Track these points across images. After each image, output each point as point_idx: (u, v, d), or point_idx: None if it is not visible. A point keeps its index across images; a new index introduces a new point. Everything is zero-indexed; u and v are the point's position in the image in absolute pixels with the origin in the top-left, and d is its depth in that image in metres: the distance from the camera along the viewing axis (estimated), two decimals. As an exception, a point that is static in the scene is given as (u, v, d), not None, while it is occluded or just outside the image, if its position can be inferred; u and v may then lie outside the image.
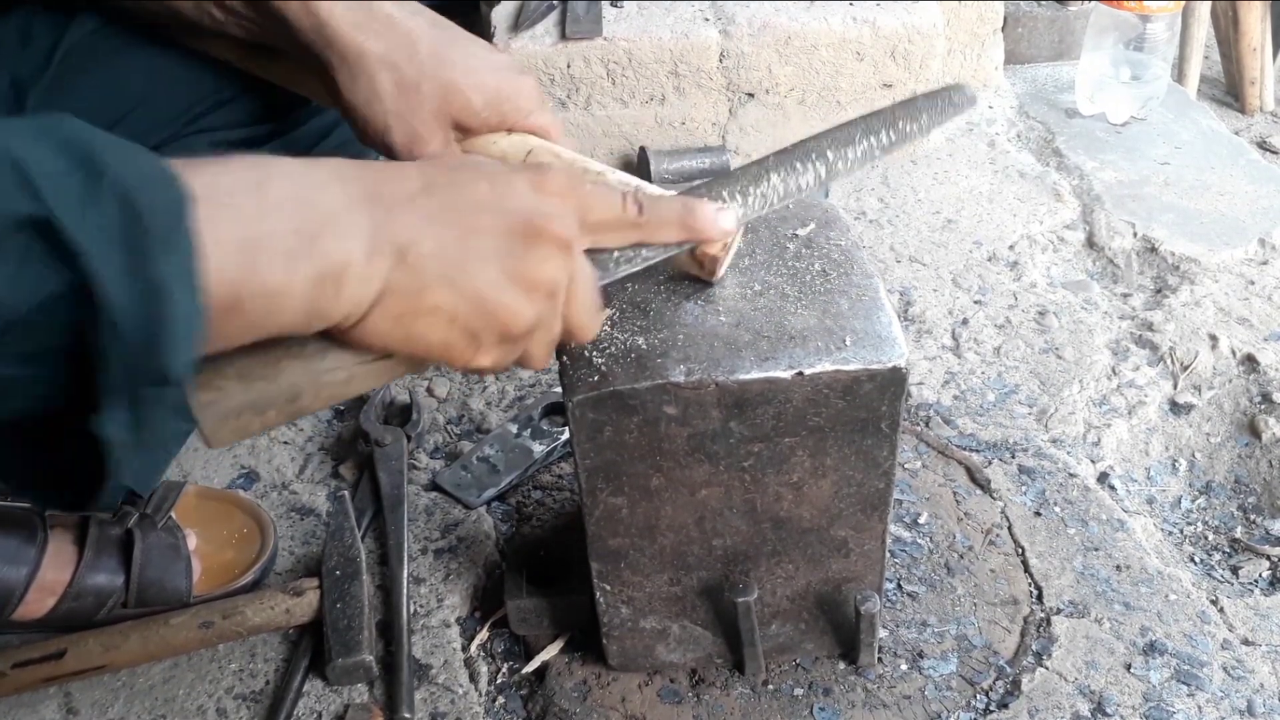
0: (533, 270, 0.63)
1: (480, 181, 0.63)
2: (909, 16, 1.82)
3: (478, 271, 0.61)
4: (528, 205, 0.63)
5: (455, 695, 1.00)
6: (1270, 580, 1.17)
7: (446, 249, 0.61)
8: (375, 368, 0.65)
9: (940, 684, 0.99)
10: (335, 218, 0.57)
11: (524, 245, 0.63)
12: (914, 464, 1.23)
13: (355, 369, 0.64)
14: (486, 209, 0.62)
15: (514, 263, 0.62)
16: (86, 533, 1.03)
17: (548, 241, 0.63)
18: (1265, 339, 1.40)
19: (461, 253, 0.61)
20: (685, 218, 0.71)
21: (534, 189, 0.64)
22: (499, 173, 0.65)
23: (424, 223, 0.60)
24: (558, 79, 1.77)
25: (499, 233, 0.62)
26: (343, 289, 0.57)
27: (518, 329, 0.64)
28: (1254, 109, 2.66)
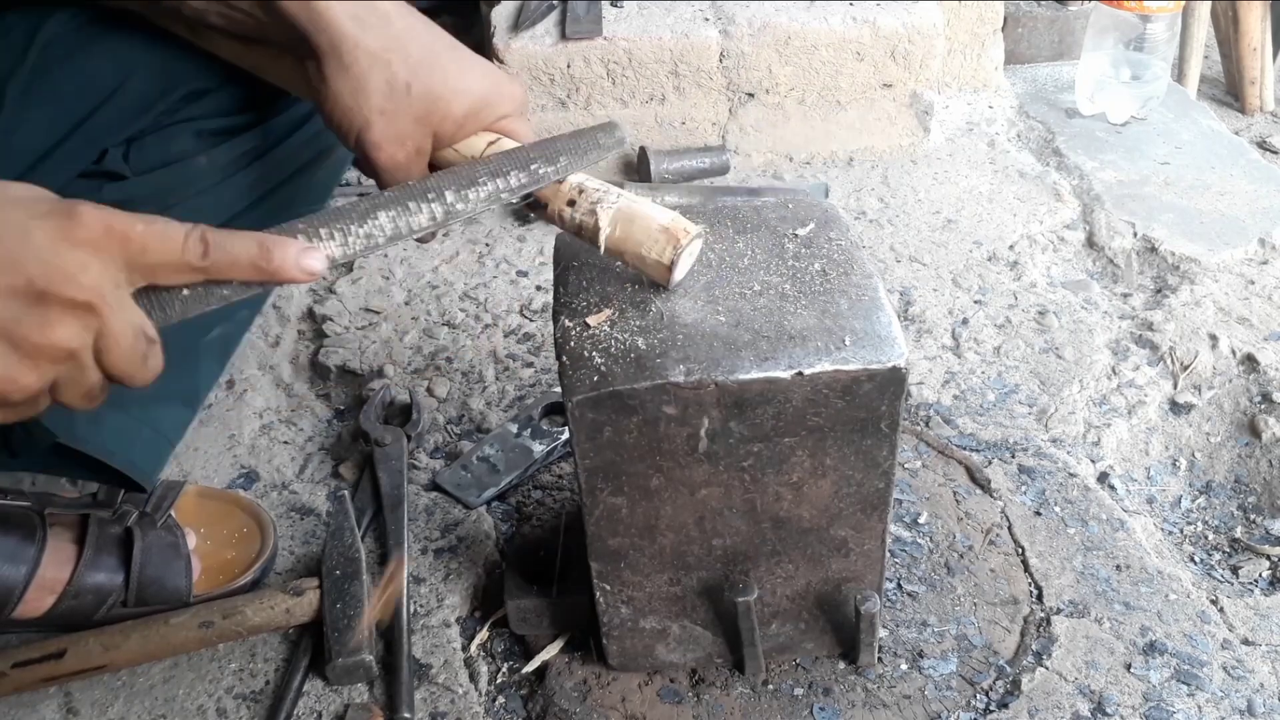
0: (34, 334, 0.59)
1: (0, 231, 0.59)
2: (909, 16, 1.82)
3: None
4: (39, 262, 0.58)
5: (455, 695, 1.00)
6: (1270, 580, 1.17)
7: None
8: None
9: (940, 684, 0.99)
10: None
11: (26, 308, 0.58)
12: (914, 464, 1.23)
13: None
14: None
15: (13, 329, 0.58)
16: (86, 531, 1.03)
17: (54, 304, 0.59)
18: (1265, 339, 1.40)
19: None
20: (259, 259, 0.66)
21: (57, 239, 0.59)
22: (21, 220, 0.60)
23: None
24: (558, 79, 1.77)
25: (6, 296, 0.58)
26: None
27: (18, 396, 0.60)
28: (1254, 109, 2.66)
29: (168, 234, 0.64)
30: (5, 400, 0.60)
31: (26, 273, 0.58)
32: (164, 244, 0.63)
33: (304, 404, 1.38)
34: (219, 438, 1.30)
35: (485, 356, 1.42)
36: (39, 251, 0.59)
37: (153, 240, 0.63)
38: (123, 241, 0.62)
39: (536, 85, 1.77)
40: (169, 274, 0.64)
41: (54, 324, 0.59)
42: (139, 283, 0.63)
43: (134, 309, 0.64)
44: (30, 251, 0.58)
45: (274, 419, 1.35)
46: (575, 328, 0.82)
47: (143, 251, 0.63)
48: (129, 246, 0.62)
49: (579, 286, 0.86)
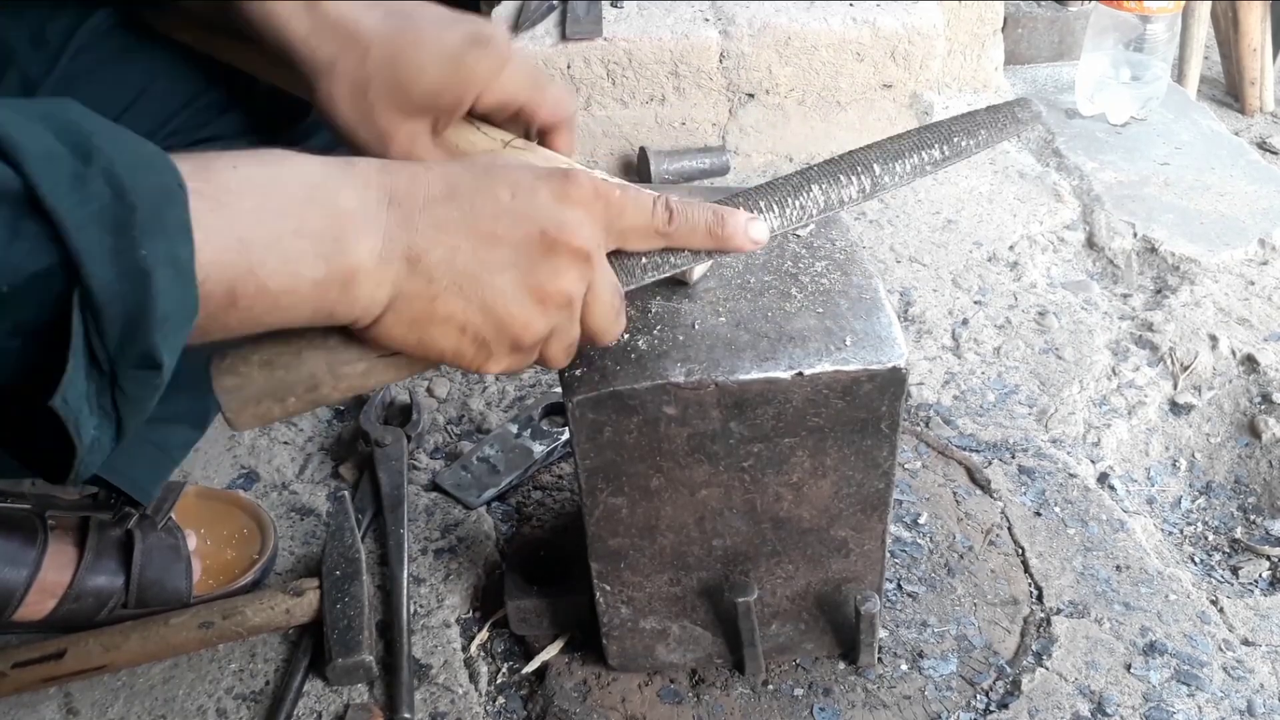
0: (547, 282, 0.63)
1: (502, 188, 0.63)
2: (909, 17, 1.82)
3: (489, 282, 0.62)
4: (546, 215, 0.63)
5: (455, 695, 1.00)
6: (1270, 580, 1.16)
7: (458, 258, 0.61)
8: (393, 362, 0.66)
9: (940, 684, 0.99)
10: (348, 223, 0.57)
11: (539, 256, 0.63)
12: (914, 464, 1.23)
13: (374, 363, 0.65)
14: (504, 218, 0.62)
15: (528, 274, 0.63)
16: (86, 534, 1.04)
17: (564, 253, 0.63)
18: (1265, 339, 1.40)
19: (474, 263, 0.61)
20: (715, 227, 0.70)
21: (556, 197, 0.64)
22: (523, 179, 0.64)
23: (438, 231, 0.60)
24: (558, 79, 1.77)
25: (514, 243, 0.62)
26: (352, 293, 0.58)
27: (529, 340, 0.64)
28: (1254, 109, 2.66)
29: (641, 200, 0.68)
30: (518, 344, 0.64)
31: (536, 223, 0.62)
32: (638, 209, 0.68)
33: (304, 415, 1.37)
34: (219, 438, 1.30)
35: (485, 357, 1.42)
36: (546, 207, 0.63)
37: (629, 205, 0.67)
38: (606, 204, 0.66)
39: (536, 86, 1.77)
40: (637, 238, 0.69)
41: (562, 272, 0.63)
42: (612, 245, 0.68)
43: (610, 268, 0.68)
44: (539, 207, 0.63)
45: (274, 419, 1.35)
46: (575, 328, 0.82)
47: (620, 215, 0.67)
48: (610, 209, 0.66)
49: (579, 287, 0.86)
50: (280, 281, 0.55)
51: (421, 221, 0.60)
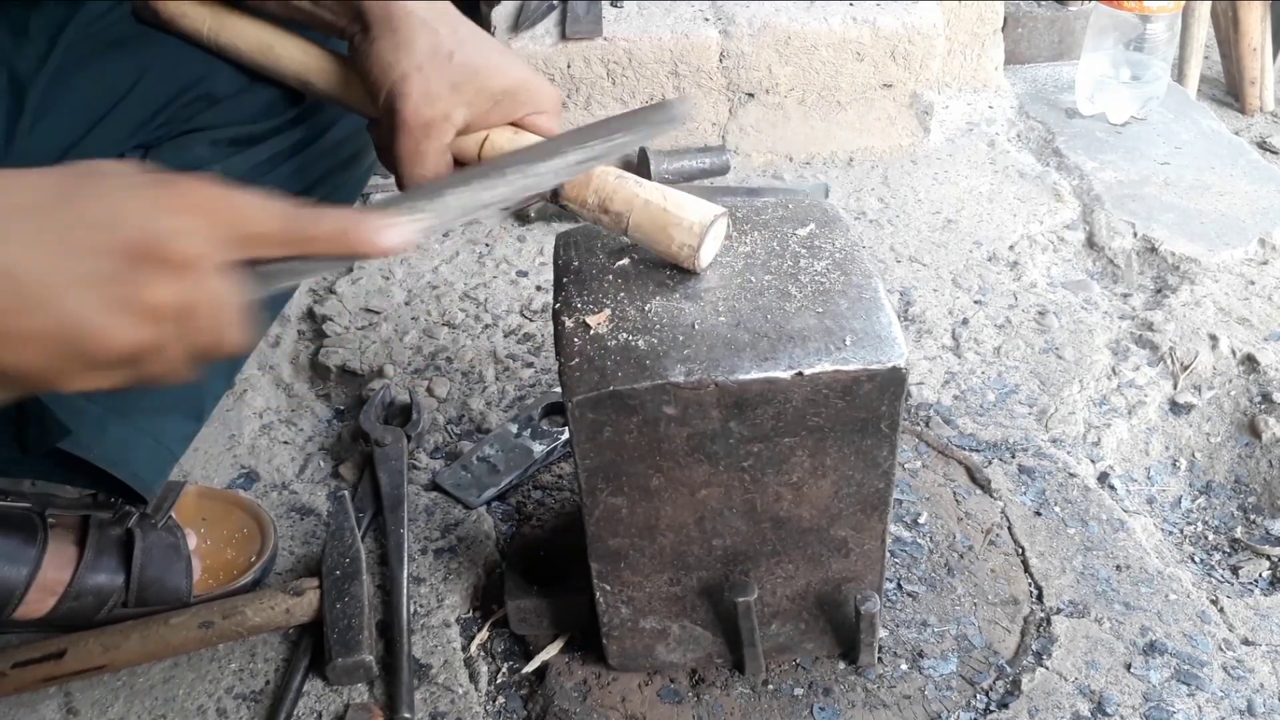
0: (139, 295, 0.59)
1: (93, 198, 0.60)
2: (909, 16, 1.82)
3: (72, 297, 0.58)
4: (140, 224, 0.59)
5: (455, 695, 1.00)
6: (1270, 580, 1.16)
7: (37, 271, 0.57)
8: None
9: (940, 684, 0.99)
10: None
11: (132, 268, 0.59)
12: (914, 464, 1.23)
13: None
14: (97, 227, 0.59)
15: (117, 287, 0.59)
16: (87, 533, 1.04)
17: (157, 264, 0.59)
18: (1265, 339, 1.40)
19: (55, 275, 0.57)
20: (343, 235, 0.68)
21: (159, 205, 0.61)
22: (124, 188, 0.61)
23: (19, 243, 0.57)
24: (558, 79, 1.77)
25: (104, 254, 0.58)
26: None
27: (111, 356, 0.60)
28: (1254, 109, 2.66)
29: (265, 206, 0.65)
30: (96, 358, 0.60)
31: (127, 233, 0.59)
32: (262, 215, 0.65)
33: (304, 404, 1.38)
34: (219, 438, 1.30)
35: (485, 356, 1.42)
36: (140, 215, 0.60)
37: (252, 211, 0.65)
38: (221, 211, 0.63)
39: (536, 85, 1.77)
40: (263, 246, 0.66)
41: (151, 283, 0.59)
42: (234, 254, 0.64)
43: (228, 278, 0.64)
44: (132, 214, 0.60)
45: (274, 419, 1.35)
46: (575, 328, 0.82)
47: (242, 222, 0.64)
48: (226, 216, 0.63)
49: (579, 286, 0.86)
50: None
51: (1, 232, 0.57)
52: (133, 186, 0.61)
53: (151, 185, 0.62)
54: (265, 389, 1.39)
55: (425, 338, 1.46)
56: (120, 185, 0.61)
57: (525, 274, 1.58)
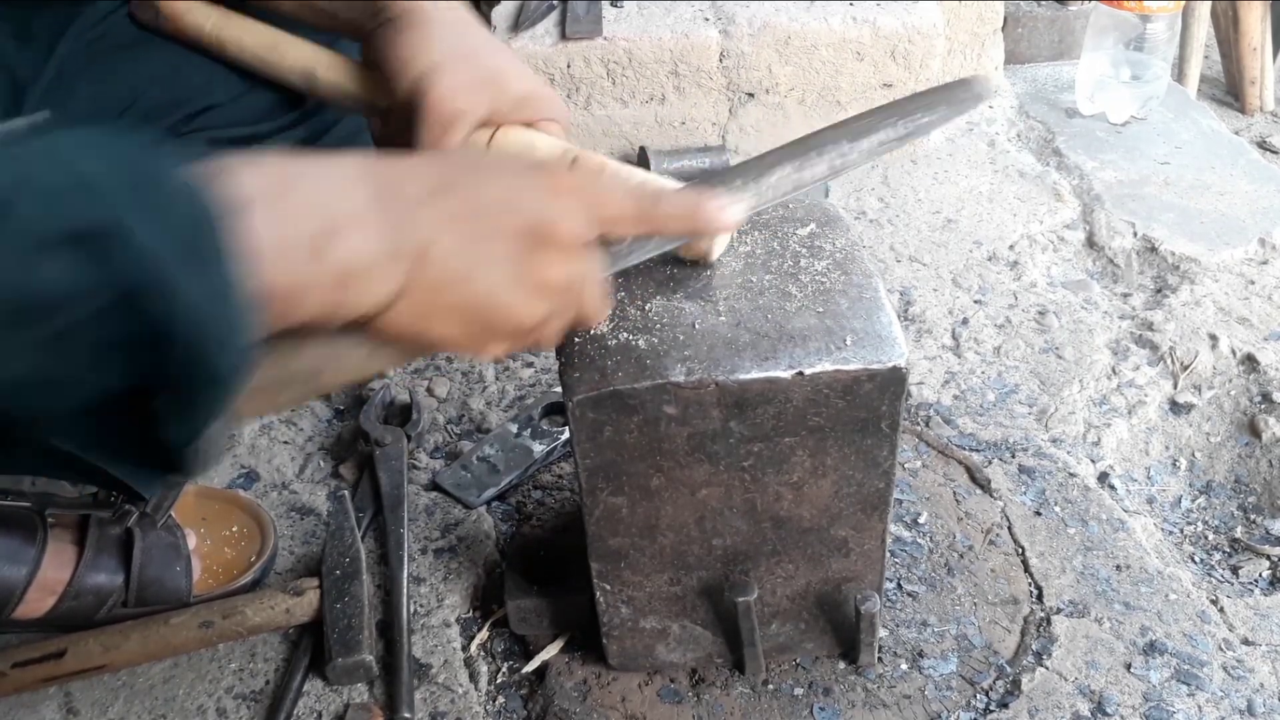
0: (542, 272, 0.65)
1: (494, 182, 0.65)
2: (909, 16, 1.82)
3: (490, 273, 0.63)
4: (539, 208, 0.65)
5: (455, 695, 1.00)
6: (1270, 580, 1.16)
7: (462, 250, 0.62)
8: (392, 349, 0.67)
9: (940, 684, 0.99)
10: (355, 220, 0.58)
11: (534, 248, 0.64)
12: (914, 464, 1.23)
13: (375, 350, 0.67)
14: (499, 211, 0.64)
15: (525, 265, 0.64)
16: (86, 532, 1.03)
17: (556, 245, 0.65)
18: (1265, 339, 1.40)
19: (475, 255, 0.63)
20: (693, 211, 0.73)
21: (546, 190, 0.66)
22: (513, 173, 0.66)
23: (440, 223, 0.62)
24: (558, 79, 1.77)
25: (511, 235, 0.64)
26: (363, 288, 0.59)
27: (527, 325, 0.66)
28: (1254, 109, 2.66)
29: (621, 189, 0.71)
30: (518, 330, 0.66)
31: (525, 217, 0.64)
32: (620, 197, 0.70)
33: (304, 404, 1.37)
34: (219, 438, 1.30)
35: (485, 356, 1.42)
36: (531, 200, 0.65)
37: (611, 194, 0.70)
38: (592, 194, 0.68)
39: (536, 85, 1.77)
40: (619, 226, 0.71)
41: (551, 261, 0.65)
42: (595, 233, 0.69)
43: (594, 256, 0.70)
44: (524, 200, 0.65)
45: (274, 419, 1.35)
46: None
47: (604, 204, 0.69)
48: (595, 199, 0.68)
49: (579, 286, 0.86)
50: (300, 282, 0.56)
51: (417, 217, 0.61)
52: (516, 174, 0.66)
53: (535, 172, 0.68)
54: (265, 389, 1.39)
55: (425, 337, 1.46)
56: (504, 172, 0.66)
57: (525, 274, 1.58)
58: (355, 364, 0.67)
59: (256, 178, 0.56)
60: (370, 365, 0.68)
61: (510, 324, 0.66)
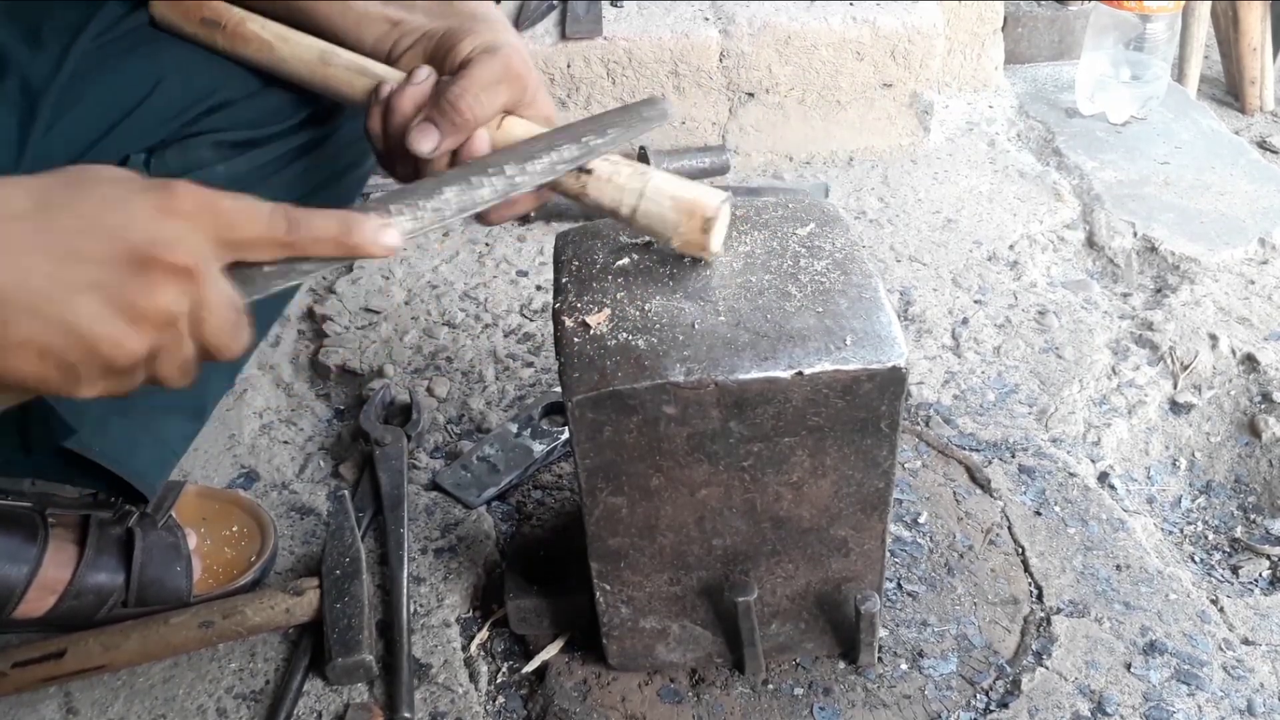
0: (140, 300, 0.60)
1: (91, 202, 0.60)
2: (909, 16, 1.82)
3: (72, 304, 0.58)
4: (139, 230, 0.60)
5: (455, 695, 1.00)
6: (1270, 580, 1.17)
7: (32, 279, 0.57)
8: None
9: (940, 683, 0.99)
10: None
11: (132, 274, 0.59)
12: (914, 464, 1.23)
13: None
14: (92, 234, 0.59)
15: (119, 293, 0.59)
16: (87, 532, 1.04)
17: (158, 269, 0.60)
18: (1265, 339, 1.40)
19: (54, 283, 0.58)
20: (341, 235, 0.69)
21: (155, 211, 0.61)
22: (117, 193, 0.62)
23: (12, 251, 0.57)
24: (558, 79, 1.77)
25: (104, 261, 0.59)
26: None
27: (122, 361, 0.61)
28: (1254, 109, 2.66)
29: (254, 210, 0.66)
30: (110, 366, 0.61)
31: (129, 239, 0.60)
32: (251, 219, 0.66)
33: (304, 404, 1.38)
34: (219, 438, 1.30)
35: (485, 356, 1.42)
36: (140, 221, 0.60)
37: (240, 216, 0.65)
38: (214, 216, 0.64)
39: (536, 85, 1.77)
40: (254, 250, 0.66)
41: (157, 289, 0.60)
42: (226, 258, 0.65)
43: (224, 281, 0.65)
44: (132, 221, 0.60)
45: (274, 419, 1.35)
46: (575, 328, 0.82)
47: (231, 226, 0.65)
48: (219, 221, 0.64)
49: (579, 286, 0.86)
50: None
51: None
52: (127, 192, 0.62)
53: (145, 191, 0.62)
54: (265, 389, 1.39)
55: (425, 337, 1.46)
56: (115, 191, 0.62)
57: (525, 274, 1.58)
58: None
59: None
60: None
61: (100, 358, 0.60)
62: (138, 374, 0.63)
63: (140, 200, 0.61)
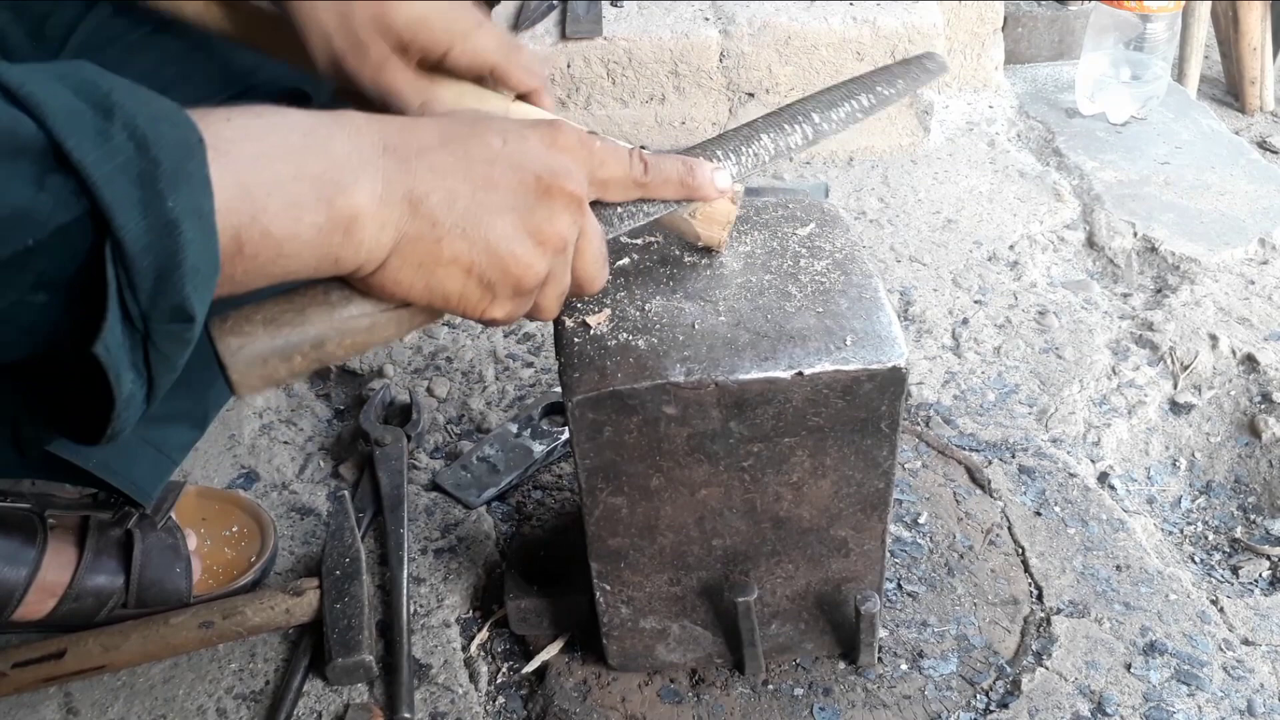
0: (545, 224, 0.65)
1: (494, 136, 0.65)
2: (909, 16, 1.82)
3: (492, 224, 0.63)
4: (541, 161, 0.65)
5: (455, 695, 1.00)
6: (1270, 580, 1.16)
7: (459, 201, 0.62)
8: (397, 315, 0.66)
9: (940, 684, 0.99)
10: (344, 167, 0.58)
11: (536, 200, 0.64)
12: (914, 464, 1.23)
13: (378, 316, 0.66)
14: (500, 163, 0.64)
15: (527, 217, 0.64)
16: (86, 534, 1.03)
17: (559, 197, 0.65)
18: (1265, 339, 1.40)
19: (475, 205, 0.63)
20: (685, 176, 0.74)
21: (547, 145, 0.66)
22: (513, 128, 0.66)
23: (437, 175, 0.62)
24: (558, 79, 1.77)
25: (512, 187, 0.64)
26: (355, 237, 0.59)
27: (530, 281, 0.66)
28: (1254, 109, 2.66)
29: (619, 152, 0.72)
30: (520, 285, 0.65)
31: (530, 167, 0.64)
32: (618, 160, 0.71)
33: (304, 404, 1.38)
34: (219, 438, 1.30)
35: (485, 356, 1.42)
36: (537, 153, 0.65)
37: (609, 155, 0.70)
38: (589, 153, 0.69)
39: (536, 85, 1.77)
40: (616, 189, 0.72)
41: (557, 215, 0.65)
42: (594, 195, 0.70)
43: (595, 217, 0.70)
44: (531, 152, 0.65)
45: (274, 419, 1.35)
46: (575, 328, 0.82)
47: (602, 165, 0.70)
48: (593, 159, 0.69)
49: (579, 287, 0.86)
50: (283, 226, 0.56)
51: (419, 166, 0.61)
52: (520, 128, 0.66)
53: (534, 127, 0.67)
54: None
55: (425, 337, 1.46)
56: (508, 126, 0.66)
57: (525, 274, 1.58)
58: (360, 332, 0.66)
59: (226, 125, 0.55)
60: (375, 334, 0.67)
61: (512, 277, 0.65)
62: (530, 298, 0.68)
63: (534, 134, 0.66)
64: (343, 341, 0.66)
